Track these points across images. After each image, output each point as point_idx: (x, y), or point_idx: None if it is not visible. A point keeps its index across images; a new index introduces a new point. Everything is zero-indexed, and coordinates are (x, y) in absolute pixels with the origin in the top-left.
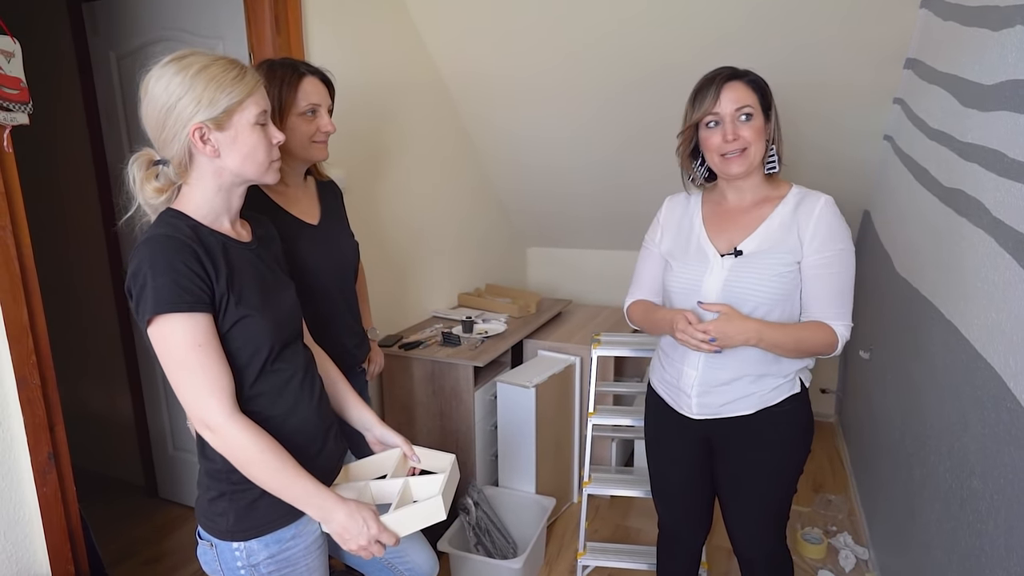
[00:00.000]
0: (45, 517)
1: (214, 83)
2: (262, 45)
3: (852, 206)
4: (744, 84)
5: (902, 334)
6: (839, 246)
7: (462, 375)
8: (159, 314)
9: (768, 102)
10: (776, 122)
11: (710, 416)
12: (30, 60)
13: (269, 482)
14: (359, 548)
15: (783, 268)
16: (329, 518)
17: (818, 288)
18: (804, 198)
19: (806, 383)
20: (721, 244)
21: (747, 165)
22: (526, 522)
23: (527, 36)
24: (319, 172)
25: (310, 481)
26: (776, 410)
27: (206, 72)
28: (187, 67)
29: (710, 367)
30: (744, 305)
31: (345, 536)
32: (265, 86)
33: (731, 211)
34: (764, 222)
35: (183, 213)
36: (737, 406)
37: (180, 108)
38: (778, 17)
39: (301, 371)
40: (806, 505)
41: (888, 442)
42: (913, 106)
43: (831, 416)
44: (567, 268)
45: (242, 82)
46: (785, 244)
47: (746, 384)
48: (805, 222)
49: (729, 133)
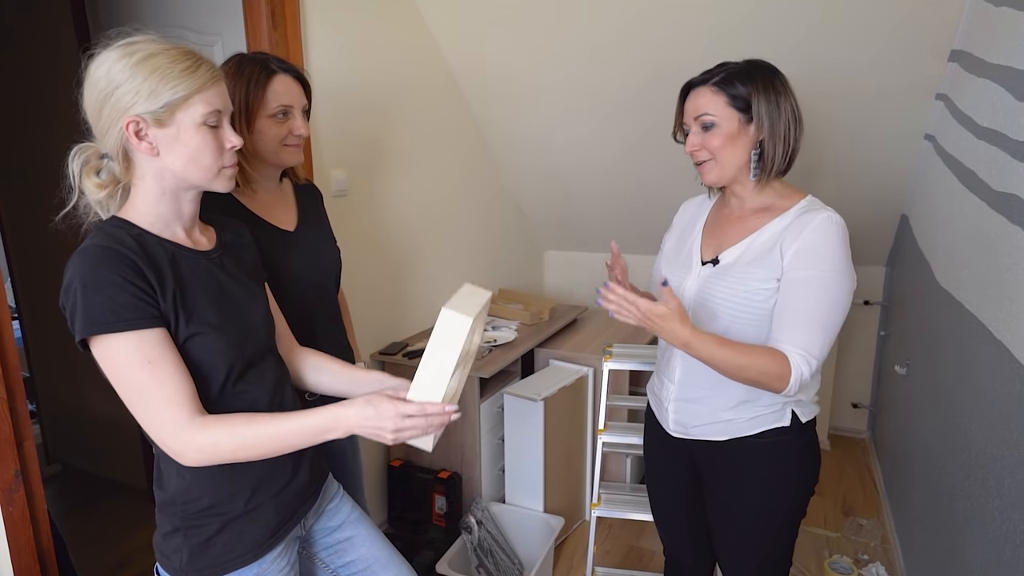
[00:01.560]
0: (11, 538)
1: (157, 73)
2: (258, 41)
3: (888, 210)
4: (710, 89)
5: (942, 350)
6: (824, 268)
7: (467, 387)
8: (93, 335)
9: (749, 103)
10: (773, 123)
11: (684, 436)
12: (34, 54)
13: (268, 453)
14: (394, 435)
15: (759, 284)
16: (347, 429)
17: (784, 305)
18: (805, 213)
19: (802, 416)
20: (708, 251)
21: (718, 174)
22: (533, 542)
23: (545, 37)
24: (296, 175)
25: (304, 419)
26: (754, 441)
27: (151, 61)
28: (132, 53)
29: (686, 381)
30: (715, 320)
31: (374, 433)
32: (229, 84)
33: (730, 218)
34: (753, 233)
35: (127, 221)
36: (709, 430)
37: (117, 97)
38: (807, 6)
39: (268, 394)
40: (835, 530)
41: (926, 466)
42: (959, 102)
43: (863, 432)
44: (585, 272)
45: (191, 76)
46: (767, 259)
47: (722, 409)
48: (792, 237)
49: (688, 144)
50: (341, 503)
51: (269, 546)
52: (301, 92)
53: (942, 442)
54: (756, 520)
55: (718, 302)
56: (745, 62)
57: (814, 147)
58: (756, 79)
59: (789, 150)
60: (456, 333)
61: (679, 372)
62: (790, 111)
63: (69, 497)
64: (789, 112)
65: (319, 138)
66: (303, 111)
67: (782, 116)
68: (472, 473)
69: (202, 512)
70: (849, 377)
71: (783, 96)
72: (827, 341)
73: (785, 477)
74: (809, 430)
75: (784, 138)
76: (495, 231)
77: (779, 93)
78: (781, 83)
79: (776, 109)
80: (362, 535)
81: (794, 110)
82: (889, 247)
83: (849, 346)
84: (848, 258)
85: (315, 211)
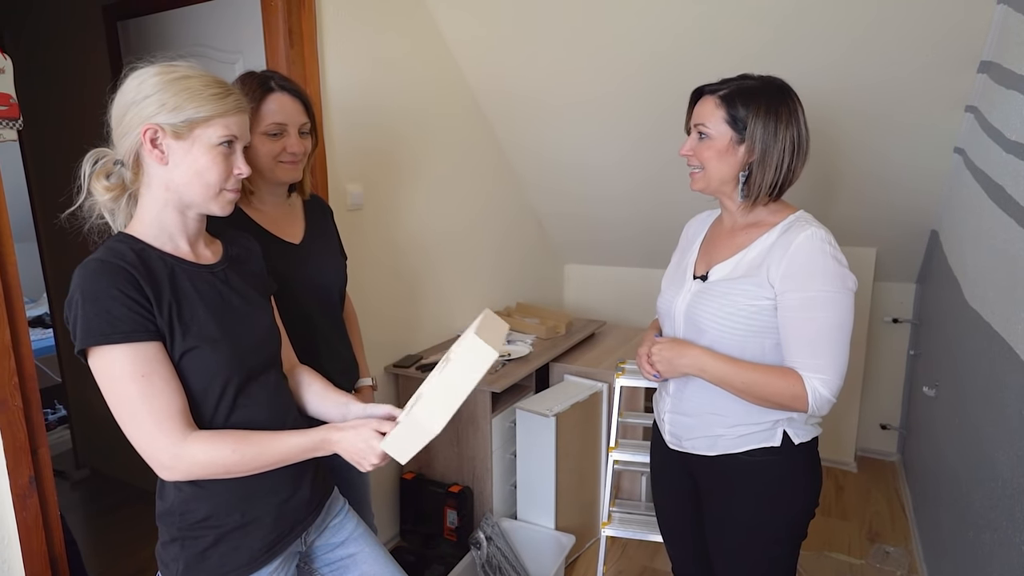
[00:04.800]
0: (25, 544)
1: (186, 92)
2: (276, 59)
3: (918, 225)
4: (714, 101)
5: (970, 373)
6: (819, 287)
7: (479, 401)
8: (90, 346)
9: (746, 124)
10: (765, 149)
11: (678, 448)
12: (69, 72)
13: (260, 469)
14: (372, 467)
15: (747, 302)
16: (333, 451)
17: (789, 333)
18: (788, 230)
19: (795, 438)
20: (701, 267)
21: (703, 185)
22: (544, 560)
23: (568, 57)
24: (301, 190)
25: (292, 440)
26: (743, 458)
27: (184, 82)
28: (168, 72)
29: (679, 395)
30: (703, 336)
31: (356, 462)
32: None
33: (723, 233)
34: (743, 249)
35: (132, 236)
36: (699, 444)
37: (142, 106)
38: (834, 18)
39: (268, 408)
40: (859, 556)
41: (953, 494)
42: (988, 115)
43: (893, 455)
44: (605, 286)
45: (217, 101)
46: (755, 277)
47: (714, 424)
48: (779, 256)
49: (684, 147)
50: (345, 519)
51: (265, 560)
52: (300, 110)
53: (968, 470)
54: (748, 538)
55: (704, 317)
56: (760, 79)
57: (840, 161)
58: (761, 102)
59: (779, 178)
60: (480, 363)
61: (673, 384)
62: (790, 140)
63: (96, 501)
64: (788, 141)
65: (335, 153)
66: (301, 129)
67: (777, 144)
68: (483, 488)
69: (198, 524)
70: (877, 397)
71: (786, 124)
72: (838, 356)
73: (774, 498)
74: (803, 452)
75: (776, 166)
76: (515, 245)
77: (781, 120)
78: (788, 110)
79: (772, 136)
80: (365, 553)
81: (795, 139)
82: (919, 264)
83: (877, 365)
84: (839, 269)
85: (323, 224)
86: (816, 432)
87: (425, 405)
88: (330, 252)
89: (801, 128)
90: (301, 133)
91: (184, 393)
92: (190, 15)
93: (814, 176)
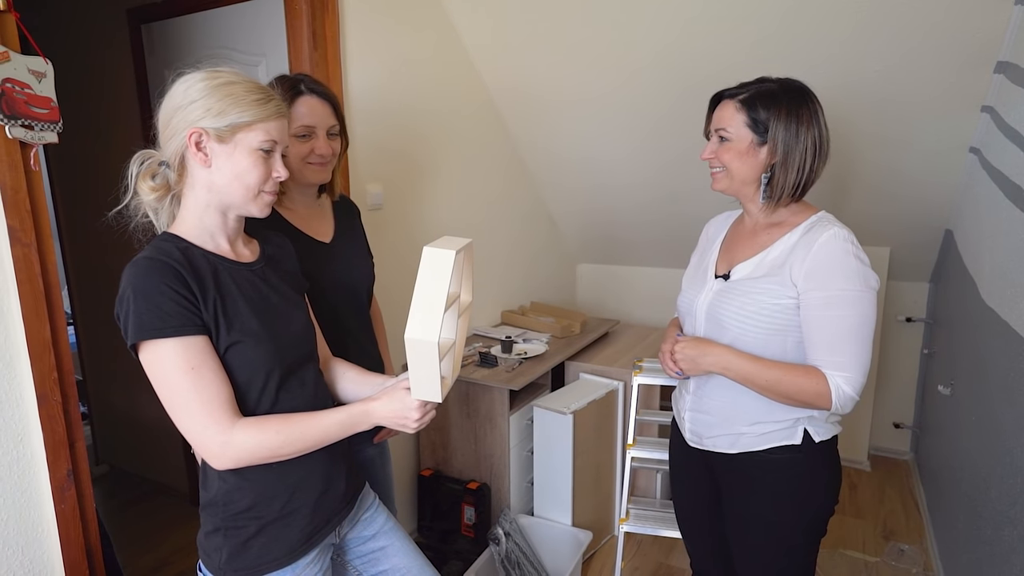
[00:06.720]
0: (63, 534)
1: (230, 98)
2: (300, 61)
3: (932, 225)
4: (735, 105)
5: (988, 371)
6: (842, 285)
7: (496, 398)
8: (142, 340)
9: (768, 127)
10: (787, 151)
11: (698, 446)
12: (93, 75)
13: (306, 450)
14: (418, 424)
15: (770, 300)
16: (375, 422)
17: (812, 331)
18: (811, 230)
19: (815, 436)
20: (722, 266)
21: (725, 185)
22: (561, 556)
23: (582, 56)
24: (331, 190)
25: (337, 414)
26: (763, 456)
27: (228, 88)
28: (214, 78)
29: (700, 393)
30: (724, 334)
31: (400, 424)
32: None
33: (745, 233)
34: (766, 249)
35: (176, 235)
36: (720, 442)
37: (189, 110)
38: (850, 16)
39: (307, 401)
40: (874, 554)
41: (971, 491)
42: (1005, 115)
43: (906, 454)
44: (618, 286)
45: (260, 106)
46: (778, 276)
47: (736, 422)
48: (801, 255)
49: (706, 150)
50: (376, 513)
51: (303, 551)
52: (329, 113)
53: (987, 466)
54: (767, 535)
55: (726, 315)
56: (779, 82)
57: (855, 161)
58: (782, 104)
59: (802, 178)
60: (442, 266)
61: (693, 382)
62: (811, 140)
63: (116, 497)
64: (809, 142)
65: (356, 153)
66: (330, 131)
67: (799, 145)
68: (501, 484)
69: (241, 514)
70: (891, 396)
71: (807, 125)
72: (861, 354)
73: (794, 495)
74: (823, 450)
75: (798, 167)
76: (528, 244)
77: (802, 122)
78: (809, 112)
79: (794, 138)
80: (395, 545)
81: (817, 140)
82: (933, 263)
83: (890, 364)
84: (861, 268)
85: (351, 224)
86: (836, 430)
87: (412, 324)
88: (359, 252)
89: (822, 128)
90: (329, 135)
91: (230, 384)
92: (213, 18)
93: (828, 175)
